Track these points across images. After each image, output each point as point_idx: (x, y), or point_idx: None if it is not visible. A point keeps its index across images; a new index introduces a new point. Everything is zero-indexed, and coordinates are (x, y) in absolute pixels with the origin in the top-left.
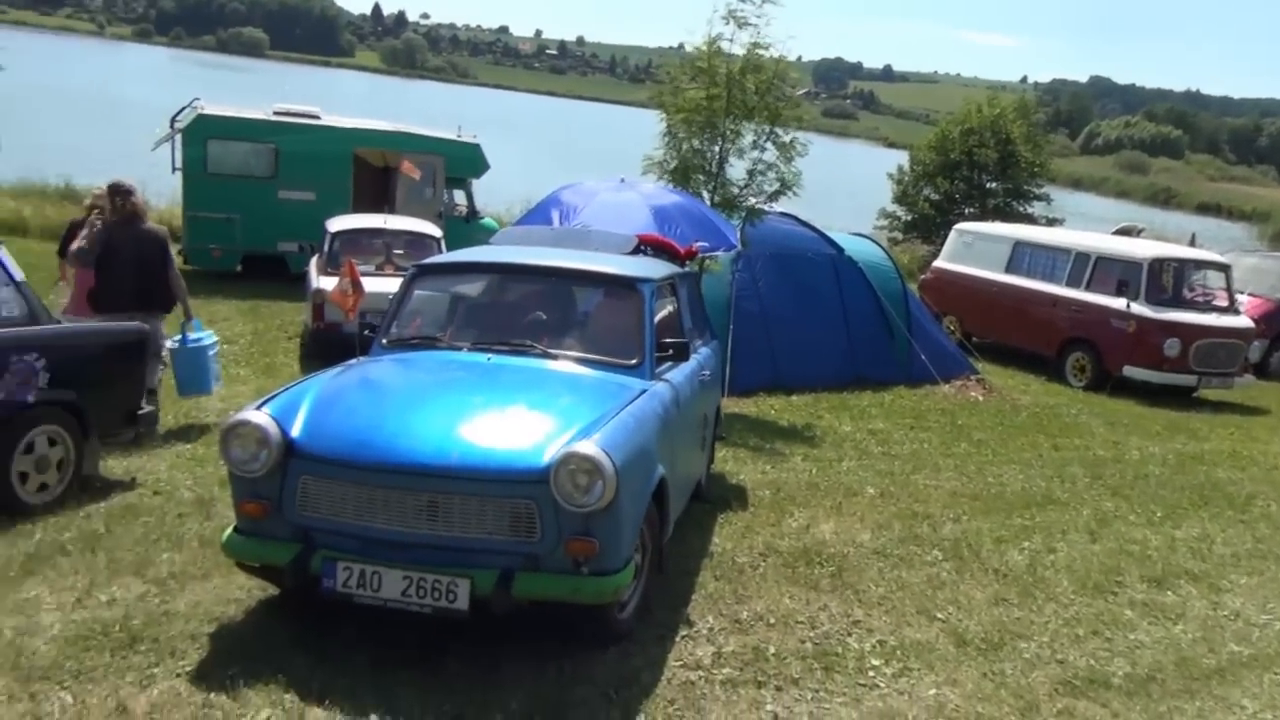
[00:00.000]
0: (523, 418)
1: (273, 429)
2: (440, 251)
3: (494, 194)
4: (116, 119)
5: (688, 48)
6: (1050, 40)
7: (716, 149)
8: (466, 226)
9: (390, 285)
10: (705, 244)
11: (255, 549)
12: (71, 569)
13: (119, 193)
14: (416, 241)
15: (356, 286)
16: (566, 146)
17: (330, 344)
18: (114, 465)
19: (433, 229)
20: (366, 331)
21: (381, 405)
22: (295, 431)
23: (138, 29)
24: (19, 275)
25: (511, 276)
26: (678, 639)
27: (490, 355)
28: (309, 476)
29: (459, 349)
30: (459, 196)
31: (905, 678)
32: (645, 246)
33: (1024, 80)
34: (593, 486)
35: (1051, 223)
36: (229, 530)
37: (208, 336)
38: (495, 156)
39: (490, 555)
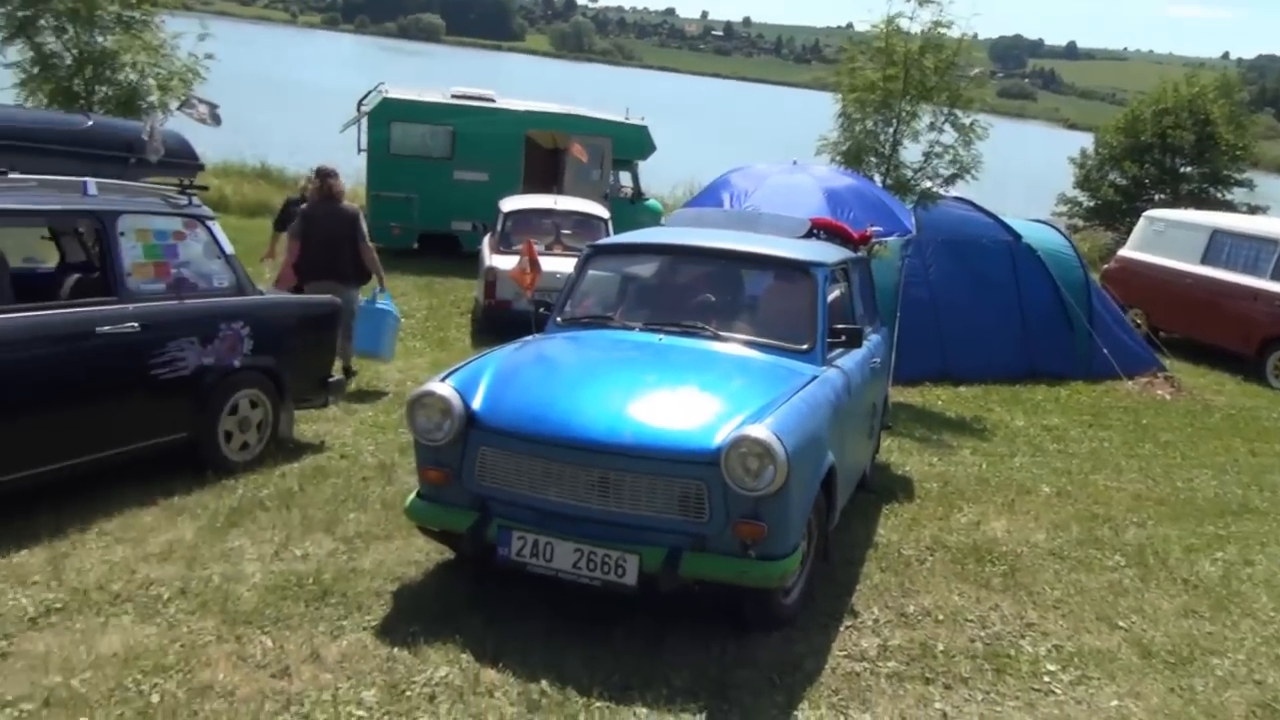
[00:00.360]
0: (694, 399)
1: (456, 400)
2: (608, 232)
3: (657, 175)
4: (307, 103)
5: (861, 26)
6: (1258, 11)
7: (891, 130)
8: (631, 208)
9: (566, 265)
10: (879, 228)
11: (436, 514)
12: (269, 523)
13: (321, 175)
14: (585, 222)
15: (534, 265)
16: (730, 128)
17: (501, 320)
18: (304, 429)
19: (601, 210)
20: (542, 309)
21: (556, 382)
22: (476, 404)
23: (326, 17)
24: (229, 249)
25: (684, 258)
26: (842, 629)
27: (661, 336)
28: (487, 447)
29: (631, 329)
30: (625, 178)
31: (1083, 686)
32: (818, 230)
33: (1226, 56)
34: (764, 471)
35: (1254, 210)
36: (412, 496)
37: (393, 307)
38: (658, 138)
39: (659, 533)
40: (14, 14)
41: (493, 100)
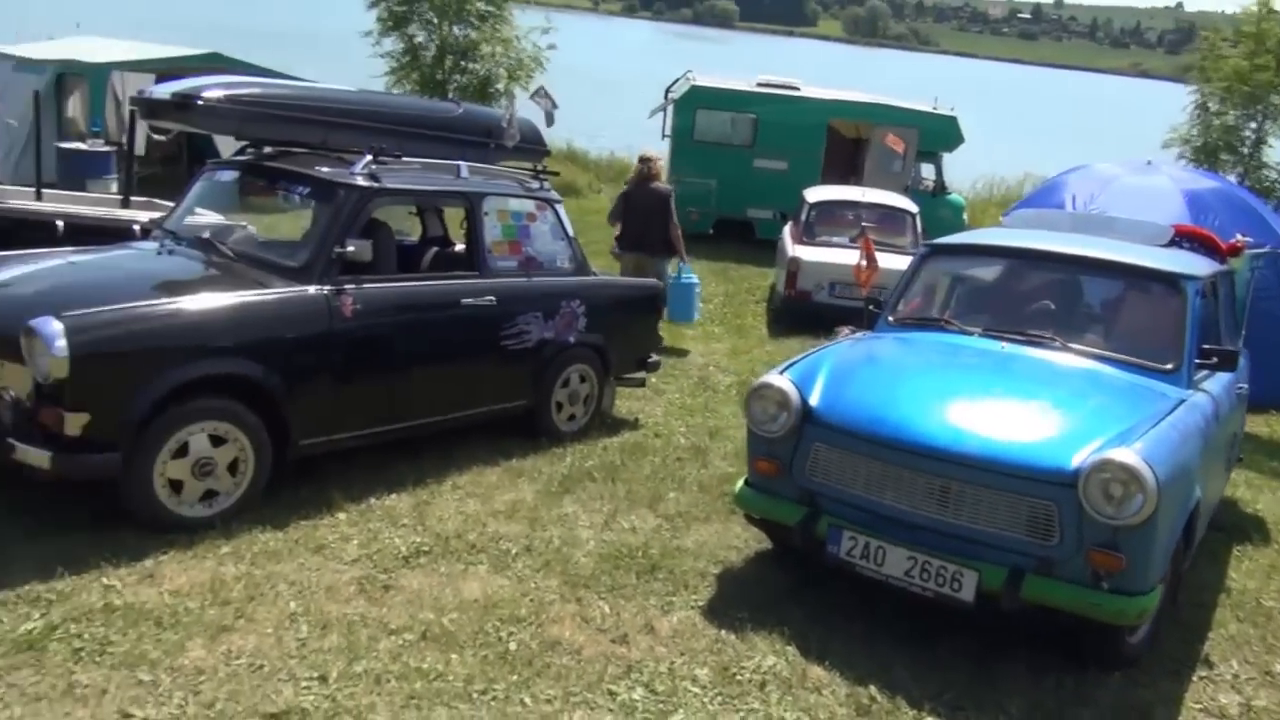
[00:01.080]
0: (1047, 414)
1: (794, 394)
2: (916, 228)
3: (952, 168)
4: (608, 87)
5: (1193, 6)
6: None
7: (1255, 126)
8: (932, 201)
9: (900, 262)
10: (1250, 239)
11: (765, 505)
12: (598, 493)
13: (641, 159)
14: (891, 216)
15: (872, 261)
16: (1036, 119)
17: (800, 311)
18: (618, 405)
19: (909, 204)
20: (872, 307)
21: (896, 383)
22: (814, 399)
23: (625, 4)
24: (572, 231)
25: (1033, 263)
26: (1194, 679)
27: (1005, 344)
28: (822, 443)
29: (969, 334)
30: (926, 170)
31: None
32: (1181, 238)
33: None
34: (1129, 499)
35: None
36: (740, 483)
37: (695, 278)
38: None
39: (1000, 551)
40: (394, 9)
41: (797, 89)
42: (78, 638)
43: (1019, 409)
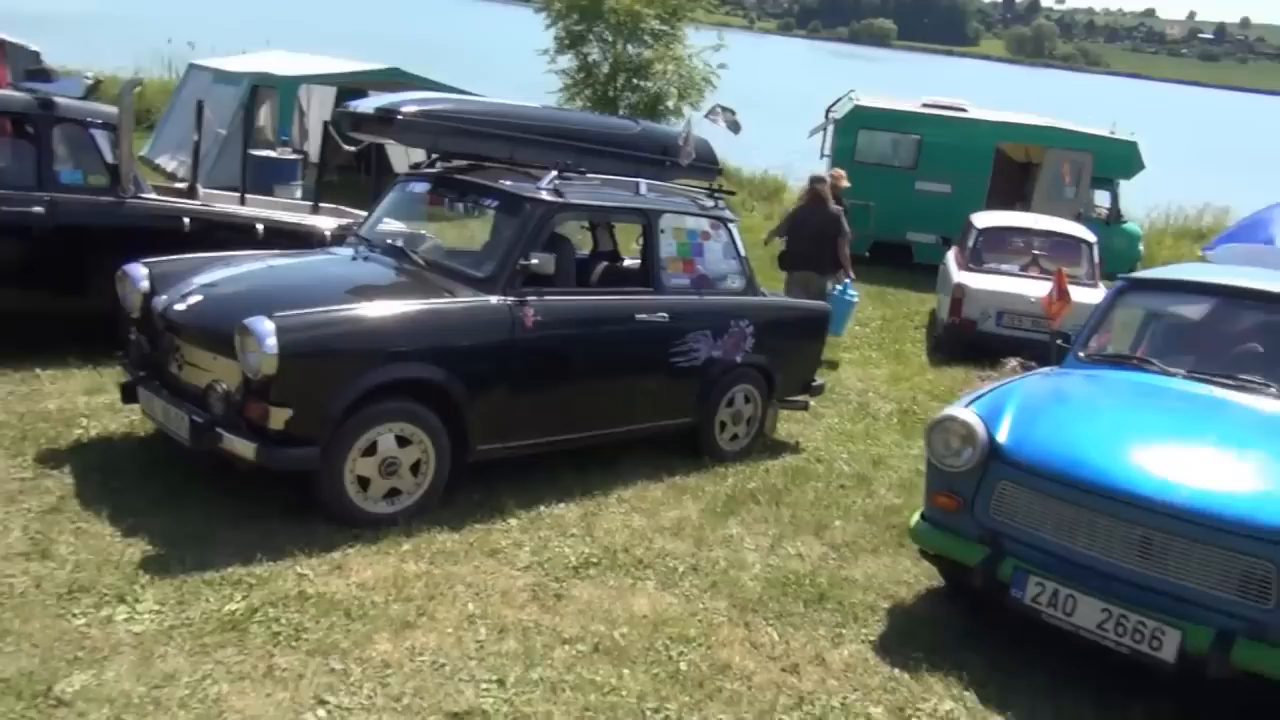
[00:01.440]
0: (1266, 466)
1: (980, 428)
2: (1093, 258)
3: (1123, 195)
4: (763, 105)
5: None
6: None
7: None
8: (1106, 230)
9: (1094, 296)
10: None
11: (944, 541)
12: (762, 517)
13: (811, 180)
14: (1065, 244)
15: (1063, 294)
16: (1214, 144)
17: (963, 340)
18: (779, 428)
19: (1086, 233)
20: (1060, 341)
21: (1093, 424)
22: (1001, 435)
23: (781, 23)
24: (744, 250)
25: (1242, 301)
26: None
27: (1213, 388)
28: (1008, 482)
29: (1171, 375)
30: (1100, 197)
31: None
32: None
33: None
34: None
35: None
36: (916, 516)
37: (855, 295)
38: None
39: (1205, 610)
40: (571, 28)
41: (964, 110)
42: (275, 622)
43: (1233, 459)
